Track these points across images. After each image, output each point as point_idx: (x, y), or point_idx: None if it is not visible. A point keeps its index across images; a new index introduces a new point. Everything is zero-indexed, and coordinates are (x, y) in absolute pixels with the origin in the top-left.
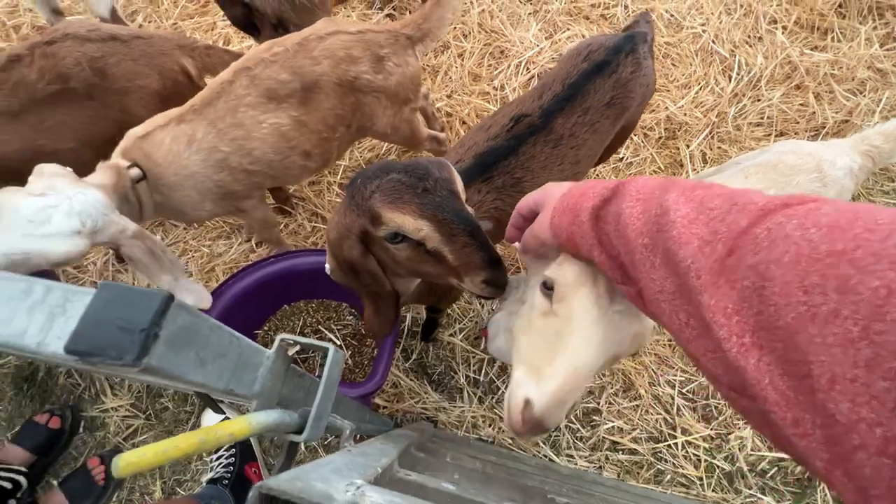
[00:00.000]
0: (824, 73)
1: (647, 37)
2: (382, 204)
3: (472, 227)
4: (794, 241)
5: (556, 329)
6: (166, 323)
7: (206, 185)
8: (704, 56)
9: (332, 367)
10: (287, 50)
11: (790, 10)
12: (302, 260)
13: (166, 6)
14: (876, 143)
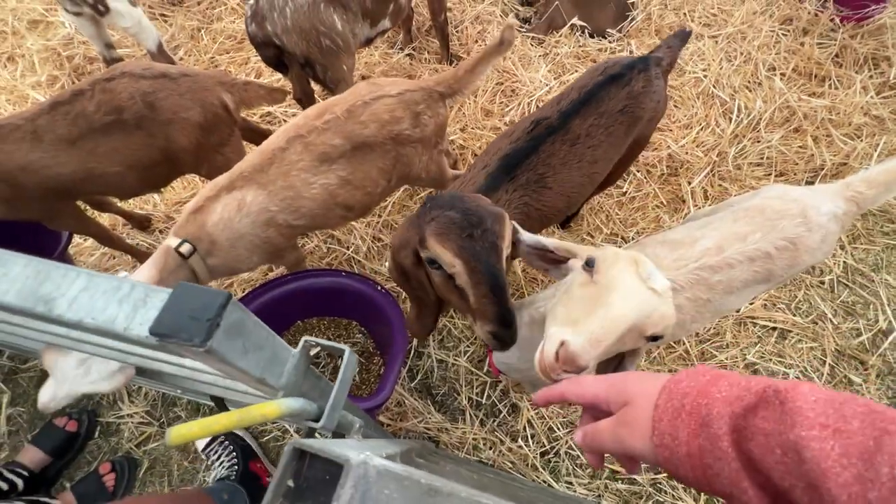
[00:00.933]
0: (822, 117)
1: (661, 61)
2: (432, 233)
3: (497, 282)
4: None
5: (592, 294)
6: (226, 315)
7: (254, 242)
8: (705, 99)
9: (347, 367)
10: (338, 118)
11: (788, 58)
12: (316, 280)
13: (206, 42)
14: (860, 189)
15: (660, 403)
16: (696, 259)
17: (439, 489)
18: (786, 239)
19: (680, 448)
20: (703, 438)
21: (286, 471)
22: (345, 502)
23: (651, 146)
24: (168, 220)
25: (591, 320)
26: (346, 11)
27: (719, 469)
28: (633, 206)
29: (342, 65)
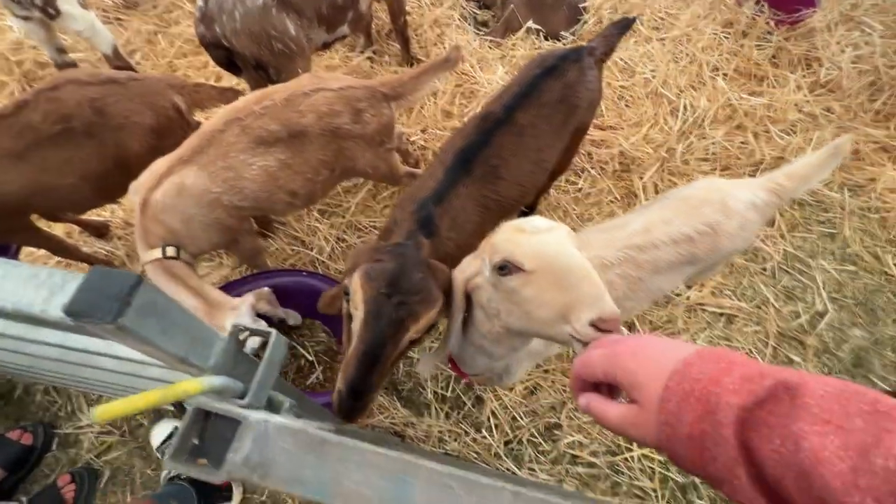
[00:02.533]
0: (761, 115)
1: (594, 50)
2: (362, 270)
3: (373, 353)
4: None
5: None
6: (137, 295)
7: (205, 222)
8: (654, 98)
9: (274, 348)
10: (276, 104)
11: (730, 59)
12: (276, 280)
13: (163, 46)
14: (781, 182)
15: (671, 385)
16: (624, 240)
17: (328, 440)
18: (706, 224)
19: (682, 429)
20: (708, 424)
21: (190, 429)
22: (244, 454)
23: (603, 144)
24: (127, 227)
25: (584, 290)
26: (300, 17)
27: (717, 454)
28: (588, 202)
29: (296, 68)
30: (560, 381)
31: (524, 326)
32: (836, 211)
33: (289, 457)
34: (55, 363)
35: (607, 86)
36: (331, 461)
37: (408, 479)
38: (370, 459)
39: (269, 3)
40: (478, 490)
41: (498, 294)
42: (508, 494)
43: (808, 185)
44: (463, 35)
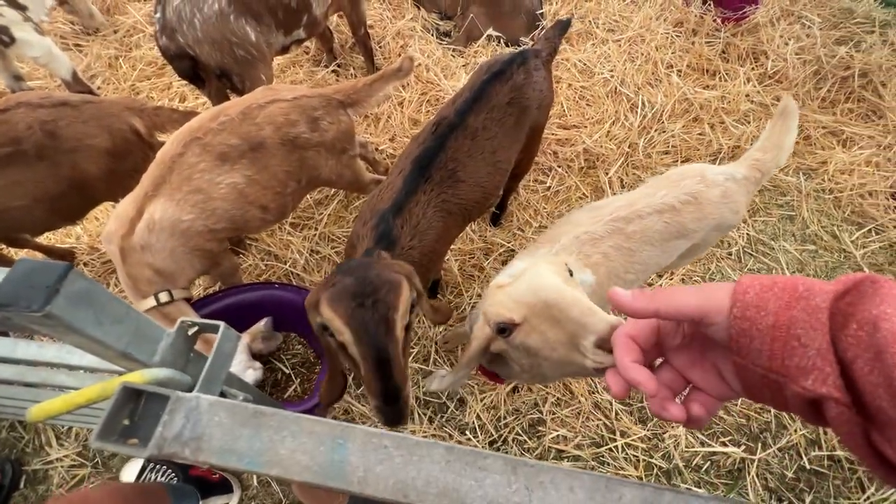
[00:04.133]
0: (715, 107)
1: (539, 52)
2: (325, 298)
3: (382, 356)
4: None
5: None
6: (66, 284)
7: (184, 252)
8: (614, 97)
9: (222, 341)
10: (233, 119)
11: (682, 56)
12: (248, 295)
13: (124, 70)
14: (757, 156)
15: (744, 280)
16: (610, 213)
17: (264, 412)
18: (687, 194)
19: (765, 319)
20: (799, 310)
21: (117, 410)
22: (175, 430)
23: (568, 143)
24: (93, 252)
25: (574, 316)
26: (259, 23)
27: (808, 341)
28: (558, 200)
29: (260, 74)
30: None
31: (556, 371)
32: (793, 194)
33: (223, 430)
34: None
35: (568, 87)
36: (266, 432)
37: (343, 442)
38: (306, 427)
39: (226, 9)
40: (410, 447)
41: (517, 352)
42: (441, 450)
43: (784, 150)
44: (426, 45)
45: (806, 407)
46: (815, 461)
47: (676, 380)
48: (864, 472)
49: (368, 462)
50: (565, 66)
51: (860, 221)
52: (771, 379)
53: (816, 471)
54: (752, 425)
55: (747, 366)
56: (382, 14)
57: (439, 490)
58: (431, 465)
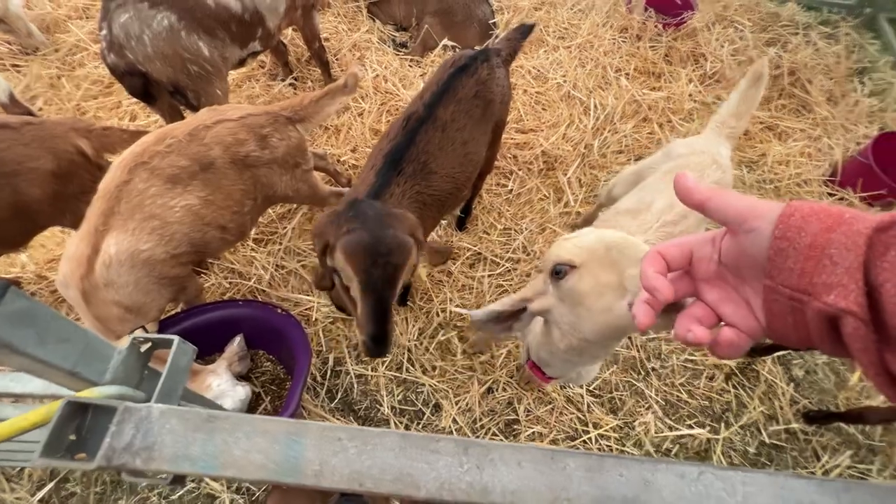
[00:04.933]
0: (662, 107)
1: (499, 52)
2: (341, 248)
3: (382, 307)
4: None
5: (603, 272)
6: (4, 303)
7: (149, 284)
8: (567, 101)
9: (176, 355)
10: (180, 140)
11: (629, 60)
12: (211, 315)
13: (68, 89)
14: (731, 124)
15: (793, 203)
16: (657, 219)
17: (218, 416)
18: (715, 182)
19: (804, 239)
20: (839, 233)
21: (61, 425)
22: (125, 439)
23: (526, 146)
24: (40, 281)
25: (630, 254)
26: (213, 38)
27: (840, 259)
28: (520, 202)
29: (215, 89)
30: (516, 377)
31: (598, 327)
32: (738, 186)
33: (175, 437)
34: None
35: (524, 92)
36: (220, 435)
37: (298, 439)
38: (260, 427)
39: (176, 25)
40: (364, 437)
41: (565, 306)
42: (395, 437)
43: (749, 114)
44: (383, 56)
45: (825, 327)
46: (774, 435)
47: (708, 314)
48: (818, 442)
49: (324, 455)
50: (520, 72)
51: None
52: (796, 299)
53: (775, 444)
54: (714, 406)
55: (776, 287)
56: (338, 27)
57: (394, 476)
58: (385, 453)
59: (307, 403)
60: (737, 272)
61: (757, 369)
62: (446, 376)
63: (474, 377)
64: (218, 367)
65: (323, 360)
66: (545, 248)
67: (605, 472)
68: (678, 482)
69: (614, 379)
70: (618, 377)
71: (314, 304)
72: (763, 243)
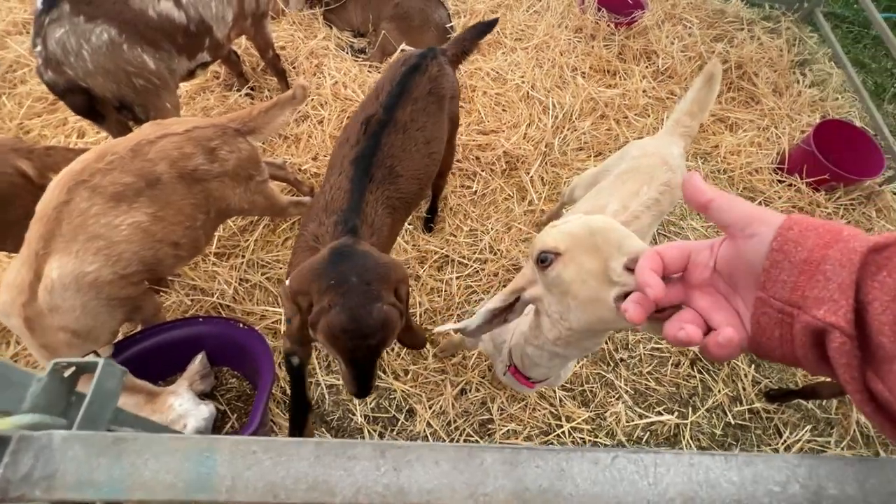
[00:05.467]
0: (618, 104)
1: (445, 51)
2: (322, 329)
3: (364, 377)
4: None
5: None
6: None
7: (98, 307)
8: (527, 101)
9: (101, 379)
10: (122, 157)
11: (584, 59)
12: (171, 333)
13: (9, 108)
14: (686, 123)
15: (793, 217)
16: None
17: (125, 438)
18: (663, 185)
19: (800, 253)
20: (835, 250)
21: None
22: (23, 470)
23: (488, 147)
24: None
25: (611, 239)
26: (157, 49)
27: (832, 276)
28: (485, 202)
29: (164, 102)
30: (489, 377)
31: (584, 317)
32: None
33: (78, 463)
34: None
35: (484, 94)
36: (128, 457)
37: (210, 455)
38: (170, 446)
39: (117, 39)
40: (278, 448)
41: (553, 295)
42: (310, 446)
43: (706, 113)
44: (342, 63)
45: (810, 342)
46: (738, 416)
47: (697, 320)
48: (780, 419)
49: (237, 469)
50: (479, 75)
51: (751, 195)
52: (786, 312)
53: (741, 424)
54: (681, 392)
55: (767, 300)
56: (294, 34)
57: (309, 485)
58: (300, 463)
59: (277, 418)
60: (730, 280)
61: None
62: (419, 380)
63: (447, 379)
64: (178, 387)
65: (273, 371)
66: (511, 246)
67: (521, 465)
68: (592, 468)
69: (585, 372)
70: (588, 370)
71: (281, 317)
72: (763, 249)
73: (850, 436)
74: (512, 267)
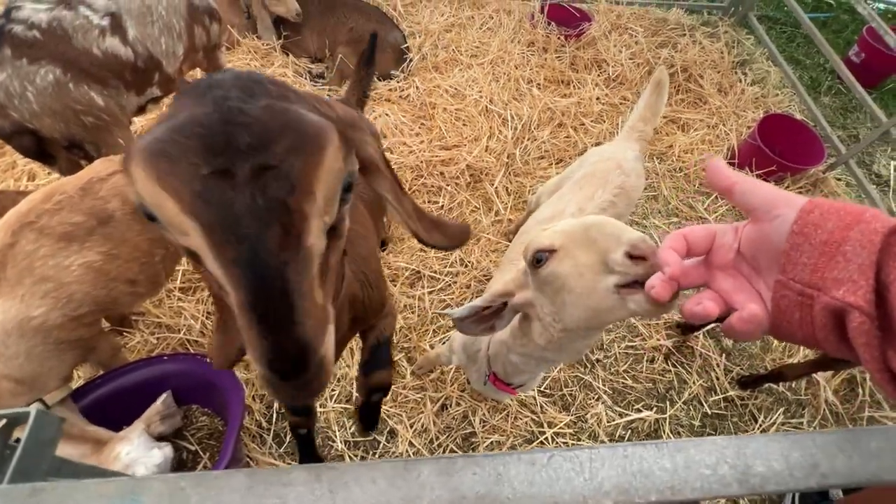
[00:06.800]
0: (574, 112)
1: (348, 100)
2: (140, 152)
3: (270, 291)
4: None
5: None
6: None
7: (45, 352)
8: (486, 114)
9: (34, 429)
10: (71, 196)
11: (539, 71)
12: (133, 375)
13: None
14: (640, 127)
15: (813, 200)
16: None
17: (44, 488)
18: (617, 188)
19: (820, 235)
20: (856, 231)
21: None
22: None
23: (451, 162)
24: None
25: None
26: (105, 86)
27: (853, 257)
28: (452, 216)
29: (116, 139)
30: (469, 390)
31: (580, 312)
32: (653, 177)
33: None
34: None
35: (444, 111)
36: None
37: (136, 497)
38: (94, 491)
39: (62, 79)
40: (208, 482)
41: (545, 295)
42: (241, 477)
43: (658, 117)
44: (301, 88)
45: (831, 323)
46: (715, 405)
47: (717, 298)
48: (754, 405)
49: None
50: (438, 92)
51: (707, 191)
52: (806, 294)
53: (717, 413)
54: (658, 387)
55: (787, 282)
56: (251, 64)
57: None
58: (231, 495)
59: (254, 452)
60: (754, 262)
61: (692, 345)
62: (398, 400)
63: (426, 396)
64: (130, 433)
65: (267, 405)
66: (482, 257)
67: (457, 474)
68: (529, 470)
69: (563, 376)
70: (566, 373)
71: None
72: (786, 230)
73: (821, 414)
74: (483, 278)
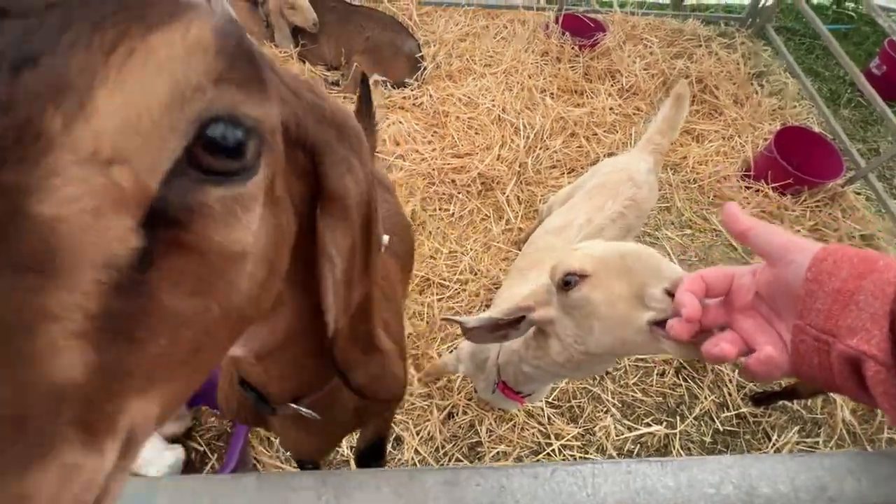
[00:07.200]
0: (587, 122)
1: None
2: None
3: None
4: None
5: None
6: None
7: None
8: (498, 123)
9: None
10: None
11: (552, 81)
12: None
13: None
14: (656, 140)
15: (828, 247)
16: (577, 234)
17: None
18: (628, 199)
19: (833, 283)
20: (869, 281)
21: None
22: None
23: (463, 170)
24: None
25: (646, 263)
26: None
27: (865, 306)
28: (463, 224)
29: None
30: (476, 399)
31: (609, 340)
32: (666, 188)
33: None
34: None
35: (457, 119)
36: None
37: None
38: None
39: None
40: (216, 484)
41: (572, 319)
42: (251, 480)
43: (676, 131)
44: None
45: (848, 369)
46: (727, 422)
47: (737, 341)
48: (767, 423)
49: None
50: (451, 101)
51: (721, 203)
52: (822, 340)
53: (729, 430)
54: (668, 401)
55: (804, 327)
56: None
57: None
58: (241, 498)
59: (261, 455)
60: (772, 304)
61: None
62: (405, 407)
63: (433, 404)
64: None
65: None
66: (492, 266)
67: (461, 484)
68: (532, 483)
69: (571, 387)
70: (575, 385)
71: None
72: (802, 274)
73: (838, 434)
74: (493, 286)
